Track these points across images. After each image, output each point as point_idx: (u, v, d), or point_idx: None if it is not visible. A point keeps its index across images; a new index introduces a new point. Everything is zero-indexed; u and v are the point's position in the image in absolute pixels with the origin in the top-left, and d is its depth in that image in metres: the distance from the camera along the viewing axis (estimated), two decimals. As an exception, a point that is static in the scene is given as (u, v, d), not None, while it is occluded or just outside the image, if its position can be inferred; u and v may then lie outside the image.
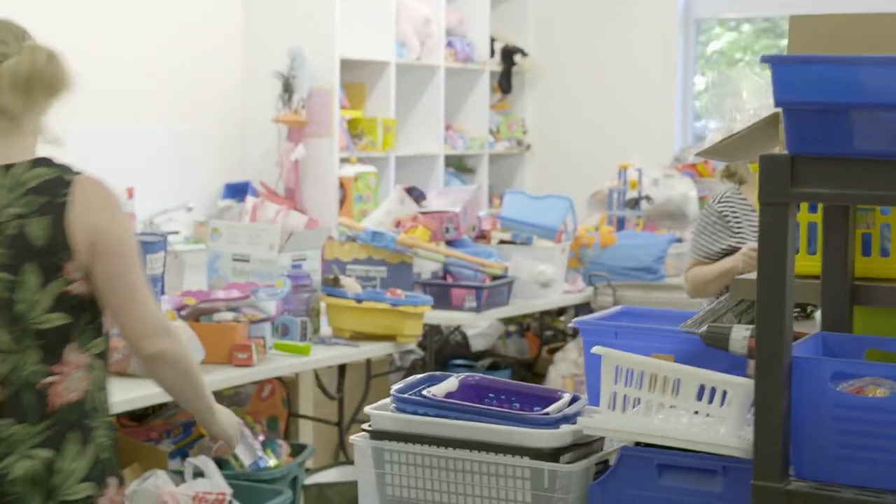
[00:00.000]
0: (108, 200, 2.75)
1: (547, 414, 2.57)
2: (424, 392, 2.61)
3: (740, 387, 2.42)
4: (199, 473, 4.17)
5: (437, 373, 2.79)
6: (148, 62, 7.90)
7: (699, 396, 2.45)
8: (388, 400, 2.66)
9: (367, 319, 4.99)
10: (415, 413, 2.57)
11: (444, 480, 2.57)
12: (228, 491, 4.09)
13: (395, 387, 2.64)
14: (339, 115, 8.20)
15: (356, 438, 2.63)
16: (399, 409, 2.60)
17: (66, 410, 2.71)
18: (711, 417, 2.46)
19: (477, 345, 7.18)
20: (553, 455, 2.51)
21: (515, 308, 6.29)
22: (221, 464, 4.33)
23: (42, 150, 2.82)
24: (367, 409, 2.63)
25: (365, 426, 2.63)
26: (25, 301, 2.66)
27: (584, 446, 2.60)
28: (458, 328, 6.86)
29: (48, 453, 2.67)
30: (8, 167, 2.70)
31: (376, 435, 2.60)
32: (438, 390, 2.63)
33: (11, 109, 2.71)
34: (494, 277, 5.98)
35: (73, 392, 2.72)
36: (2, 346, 2.65)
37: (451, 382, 2.69)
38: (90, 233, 2.69)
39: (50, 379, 2.68)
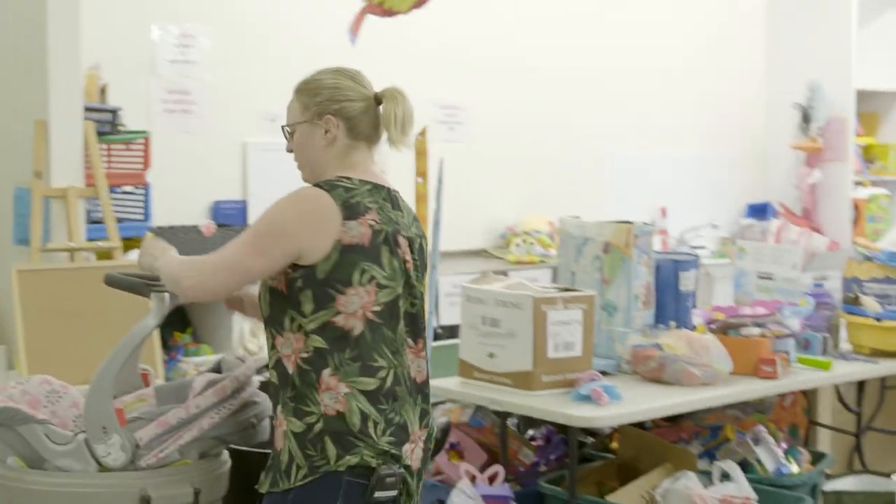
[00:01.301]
0: None
1: None
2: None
3: None
4: (725, 476, 3.85)
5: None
6: (680, 92, 7.70)
7: None
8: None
9: (886, 337, 4.48)
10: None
11: None
12: (753, 496, 3.75)
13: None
14: (854, 142, 7.64)
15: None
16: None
17: None
18: None
19: None
20: None
21: None
22: (746, 468, 3.99)
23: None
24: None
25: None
26: (421, 299, 2.85)
27: None
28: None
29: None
30: (398, 193, 2.87)
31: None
32: None
33: (394, 144, 2.81)
34: None
35: None
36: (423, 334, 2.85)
37: None
38: None
39: None
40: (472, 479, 3.78)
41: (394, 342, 2.74)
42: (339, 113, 2.80)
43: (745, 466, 3.99)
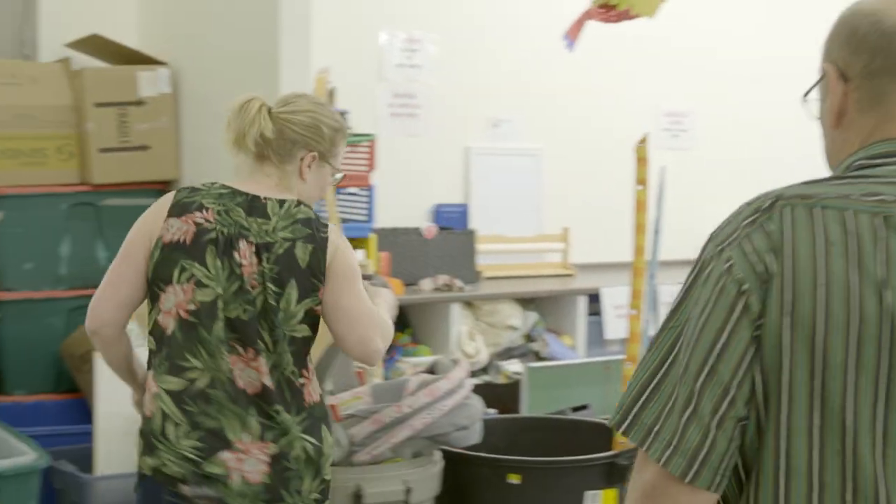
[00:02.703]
0: (347, 242, 2.86)
1: None
2: None
3: None
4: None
5: None
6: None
7: None
8: None
9: None
10: None
11: None
12: None
13: None
14: None
15: None
16: None
17: (315, 408, 2.78)
18: None
19: None
20: None
21: None
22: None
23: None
24: None
25: None
26: (285, 311, 2.73)
27: None
28: None
29: (312, 439, 2.73)
30: (280, 202, 2.80)
31: None
32: None
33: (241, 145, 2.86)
34: None
35: (316, 394, 2.80)
36: (266, 346, 2.73)
37: None
38: (336, 266, 2.79)
39: (302, 380, 2.76)
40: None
41: (209, 344, 2.73)
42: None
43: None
